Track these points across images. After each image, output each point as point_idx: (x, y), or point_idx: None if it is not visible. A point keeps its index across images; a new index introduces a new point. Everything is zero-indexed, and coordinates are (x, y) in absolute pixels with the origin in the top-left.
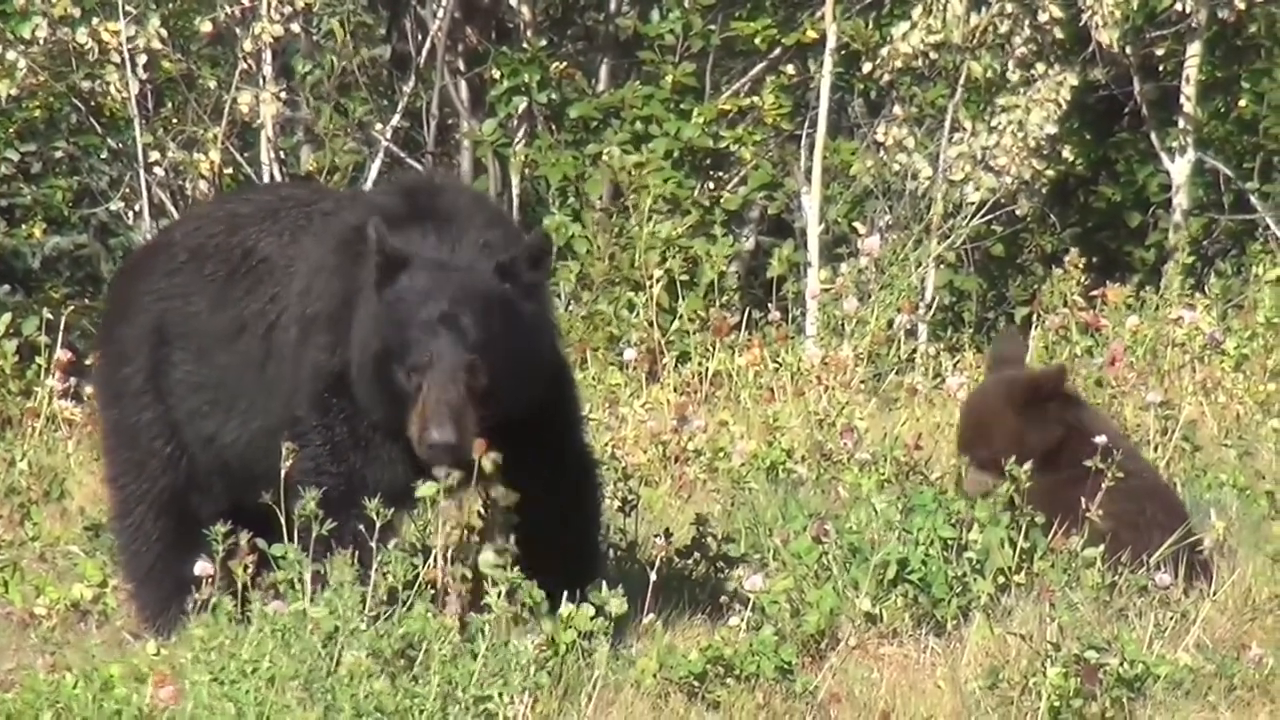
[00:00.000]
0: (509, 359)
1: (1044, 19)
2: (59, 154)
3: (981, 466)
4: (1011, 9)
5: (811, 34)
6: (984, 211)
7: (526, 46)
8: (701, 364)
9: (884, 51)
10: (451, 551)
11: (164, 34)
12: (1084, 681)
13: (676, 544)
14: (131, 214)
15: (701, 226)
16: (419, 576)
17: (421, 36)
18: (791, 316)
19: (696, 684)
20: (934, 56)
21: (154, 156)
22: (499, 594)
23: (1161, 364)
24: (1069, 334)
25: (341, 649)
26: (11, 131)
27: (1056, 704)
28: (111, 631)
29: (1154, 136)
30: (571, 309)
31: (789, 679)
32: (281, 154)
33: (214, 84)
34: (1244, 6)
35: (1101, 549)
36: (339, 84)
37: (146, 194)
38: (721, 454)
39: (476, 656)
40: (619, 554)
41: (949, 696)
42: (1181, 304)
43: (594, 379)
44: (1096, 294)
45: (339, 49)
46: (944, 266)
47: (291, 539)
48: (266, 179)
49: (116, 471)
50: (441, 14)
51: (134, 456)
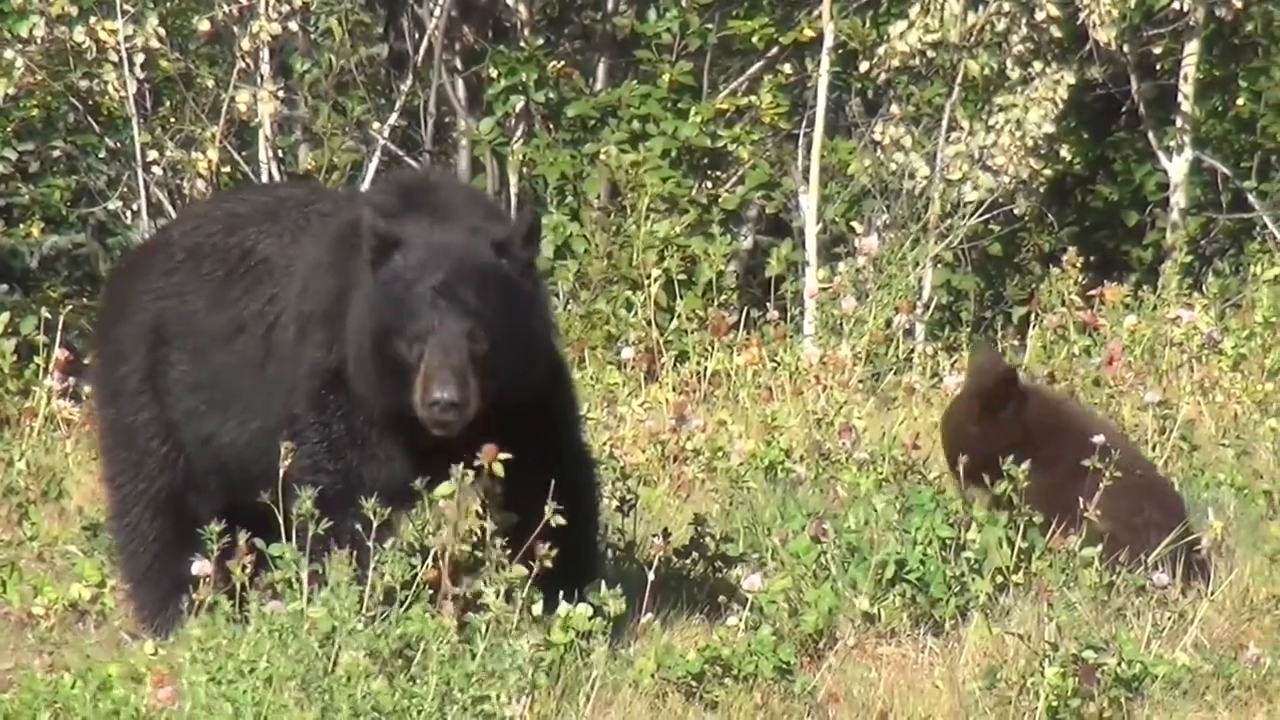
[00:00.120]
0: (507, 331)
1: (1041, 17)
2: (56, 153)
3: (965, 479)
4: (1009, 7)
5: (809, 33)
6: (981, 211)
7: (524, 45)
8: (700, 363)
9: (881, 50)
10: (449, 552)
11: (162, 33)
12: (1082, 681)
13: (675, 543)
14: (129, 213)
15: (699, 226)
16: (417, 576)
17: (419, 35)
18: (790, 316)
19: (694, 684)
20: (931, 55)
21: (152, 155)
22: (497, 594)
23: (1159, 363)
24: (1067, 333)
25: (339, 649)
26: (9, 131)
27: (1054, 704)
28: (109, 631)
29: (1151, 135)
30: (569, 308)
31: (787, 679)
32: (279, 153)
33: (212, 83)
34: (1241, 5)
35: (1099, 549)
36: (337, 83)
37: (144, 193)
38: (720, 453)
39: (474, 657)
40: (617, 554)
41: (947, 696)
42: (1179, 303)
43: (592, 378)
44: (1094, 293)
45: (337, 48)
46: (942, 266)
47: (289, 539)
48: (264, 178)
49: (114, 471)
50: (439, 13)
51: (131, 456)
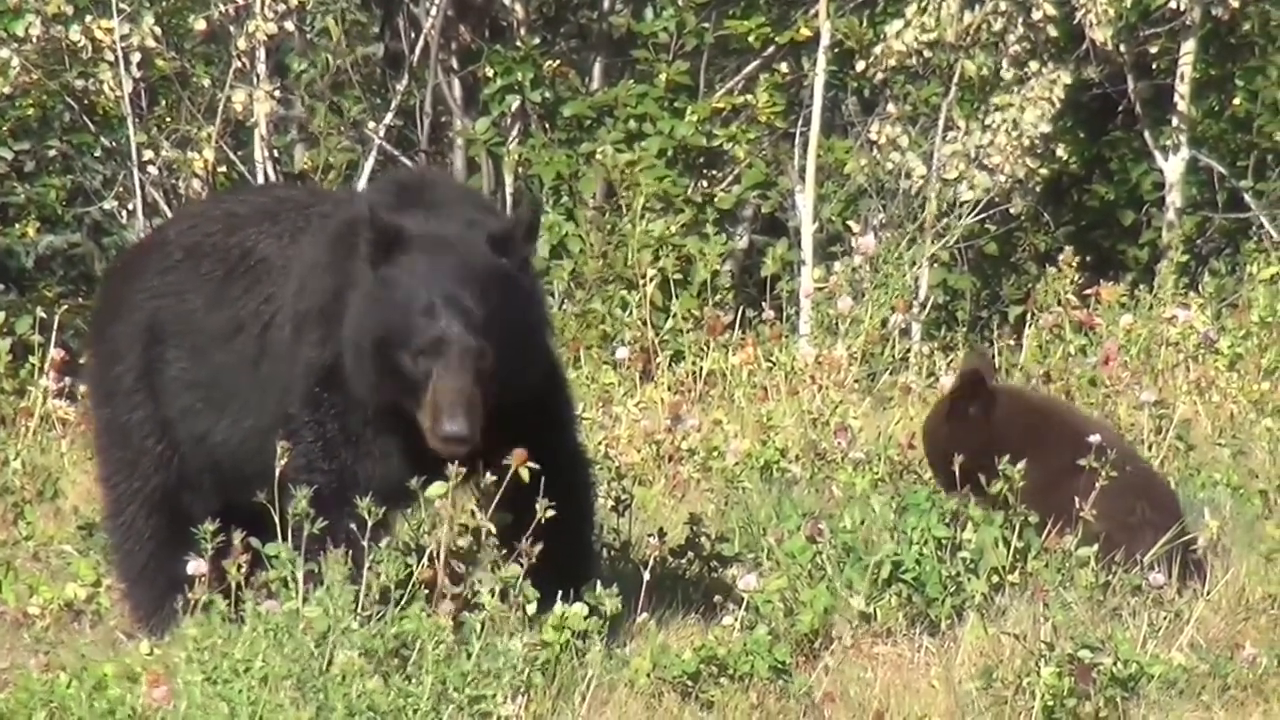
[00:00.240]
0: (509, 334)
1: (1037, 17)
2: (52, 152)
3: (939, 480)
4: (1005, 7)
5: (805, 32)
6: (978, 210)
7: (520, 45)
8: (695, 363)
9: (878, 50)
10: (445, 550)
11: (158, 32)
12: (1078, 681)
13: (670, 543)
14: (125, 213)
15: (695, 225)
16: (412, 575)
17: (415, 35)
18: (785, 315)
19: (690, 684)
20: (928, 55)
21: (148, 155)
22: (492, 593)
23: (1155, 363)
24: (1063, 333)
25: (334, 648)
26: (5, 130)
27: (1050, 703)
28: (105, 631)
29: (1148, 135)
30: (565, 307)
31: (783, 679)
32: (275, 152)
33: (208, 82)
34: (1238, 4)
35: (1095, 549)
36: (333, 82)
37: (140, 193)
38: (715, 453)
39: (470, 656)
40: (613, 553)
41: (943, 696)
42: (1175, 303)
43: (587, 378)
44: (1090, 293)
45: (334, 47)
46: (938, 265)
47: (284, 537)
48: (260, 178)
49: (109, 470)
50: (435, 12)
51: (126, 455)
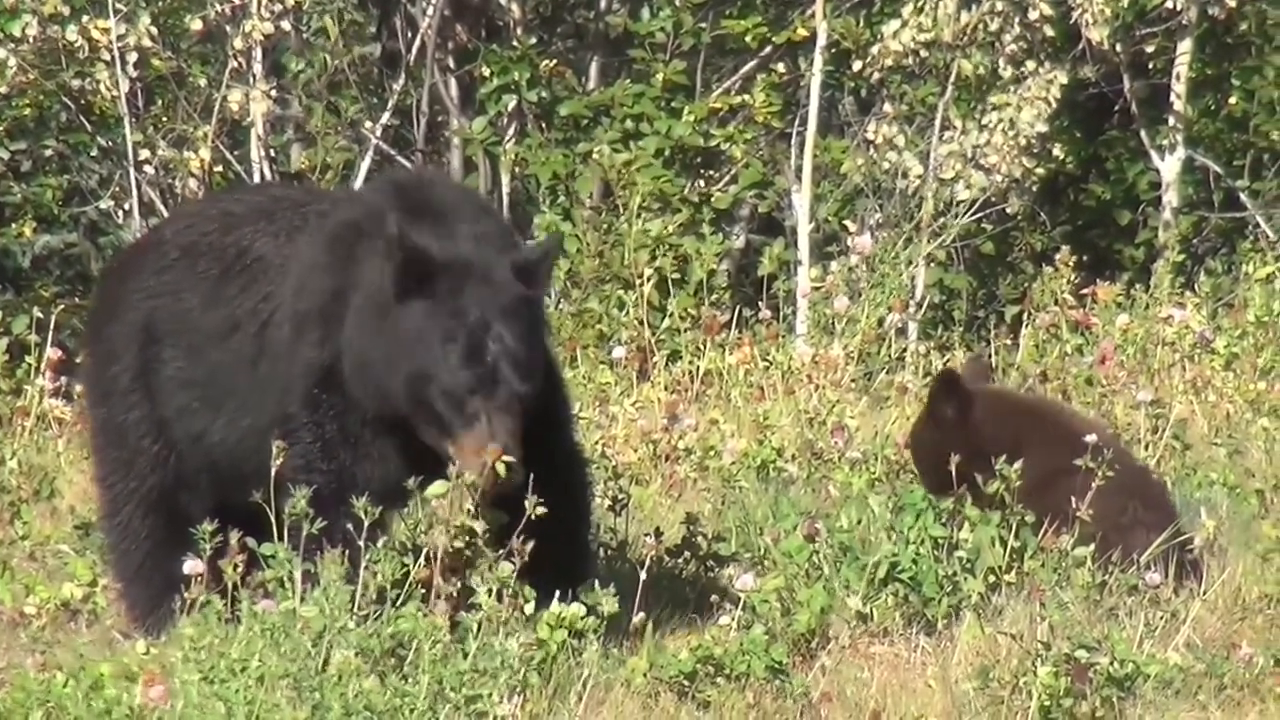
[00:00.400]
0: (539, 365)
1: (1034, 17)
2: (49, 152)
3: (935, 491)
4: (1002, 7)
5: (802, 32)
6: (974, 210)
7: (516, 44)
8: (692, 362)
9: (874, 49)
10: (441, 551)
11: (154, 32)
12: (1074, 681)
13: (667, 543)
14: (121, 212)
15: (692, 225)
16: (409, 575)
17: (411, 34)
18: (782, 315)
19: (687, 683)
20: (924, 54)
21: (144, 155)
22: (489, 593)
23: (1152, 362)
24: (1059, 332)
25: (331, 648)
26: (1, 130)
27: (1047, 703)
28: (101, 630)
29: (1144, 134)
30: (561, 307)
31: (780, 678)
32: (271, 152)
33: (204, 82)
34: (1234, 4)
35: (1091, 548)
36: (329, 82)
37: (136, 192)
38: (712, 452)
39: (466, 656)
40: (609, 553)
41: (940, 696)
42: (1172, 302)
43: (584, 377)
44: (1087, 292)
45: (331, 47)
46: (934, 265)
47: (281, 537)
48: (257, 177)
49: (105, 470)
50: (431, 12)
51: (122, 455)
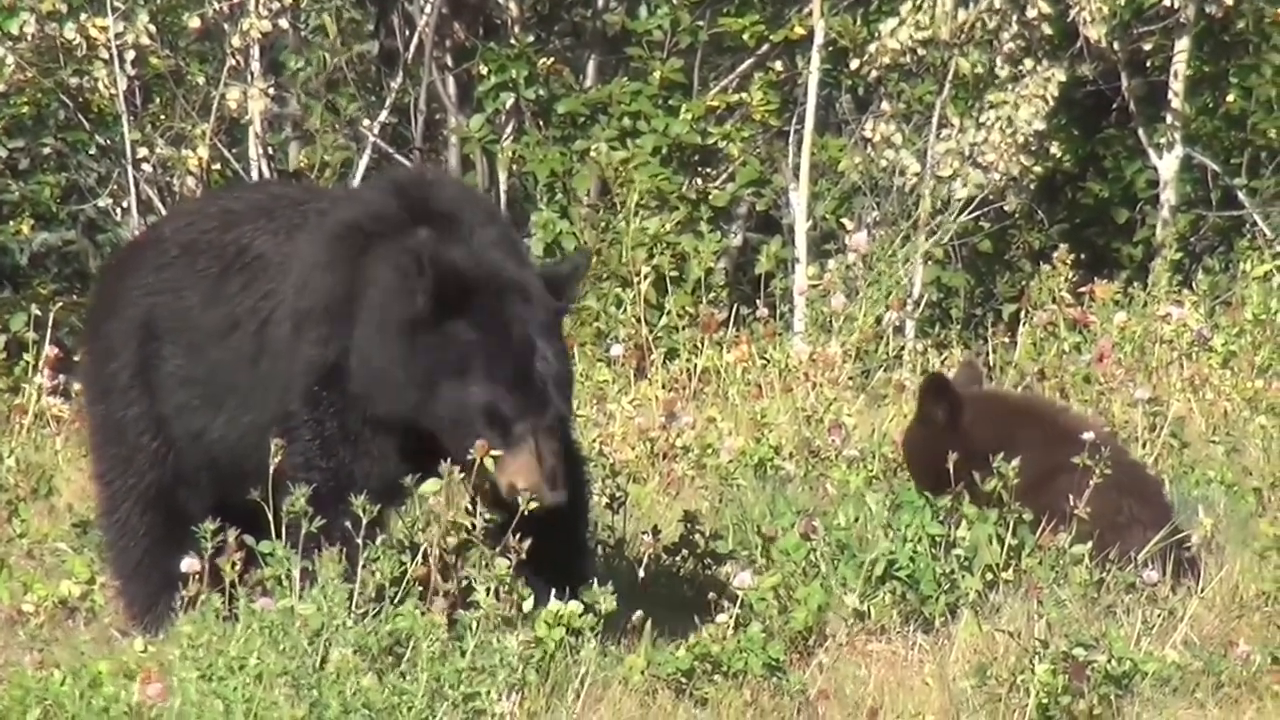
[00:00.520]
0: (574, 381)
1: (1032, 15)
2: (47, 150)
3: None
4: (999, 5)
5: (799, 30)
6: (972, 208)
7: (514, 42)
8: (689, 360)
9: (872, 48)
10: (439, 548)
11: (152, 30)
12: (1072, 678)
13: (664, 541)
14: (119, 210)
15: (689, 223)
16: (406, 573)
17: (409, 32)
18: (779, 313)
19: (684, 681)
20: (922, 53)
21: (142, 153)
22: (487, 591)
23: (1149, 360)
24: (1057, 330)
25: (329, 645)
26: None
27: (1044, 701)
28: (99, 628)
29: (1142, 132)
30: None
31: (777, 676)
32: (270, 150)
33: (202, 80)
34: (1232, 2)
35: (1089, 546)
36: (327, 80)
37: (134, 190)
38: (709, 450)
39: (464, 654)
40: (607, 551)
41: (937, 693)
42: (1169, 300)
43: (582, 375)
44: (1084, 290)
45: (329, 45)
46: (932, 263)
47: (279, 535)
48: (255, 175)
49: (104, 467)
50: (429, 10)
51: (121, 452)
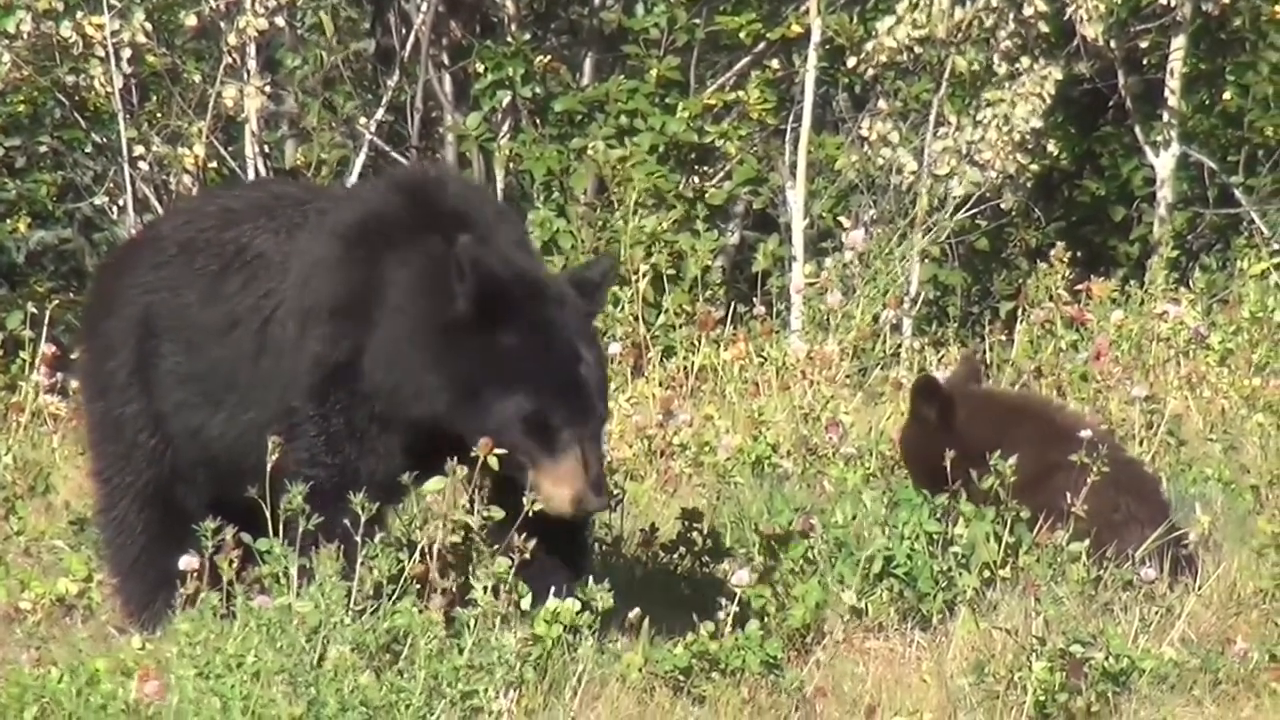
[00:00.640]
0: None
1: (1028, 13)
2: (43, 148)
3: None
4: (996, 3)
5: (796, 28)
6: (968, 206)
7: (510, 40)
8: (687, 358)
9: (868, 46)
10: (438, 546)
11: (148, 28)
12: (1069, 676)
13: (662, 538)
14: (116, 209)
15: (686, 221)
16: (404, 571)
17: (405, 30)
18: (776, 311)
19: (682, 678)
20: (918, 51)
21: (138, 151)
22: (485, 589)
23: (1146, 358)
24: (1054, 328)
25: (327, 643)
26: None
27: (1042, 698)
28: (97, 626)
29: (1138, 130)
30: None
31: (774, 673)
32: (266, 148)
33: (198, 78)
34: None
35: (1086, 544)
36: (324, 78)
37: (131, 188)
38: (707, 448)
39: (462, 651)
40: (605, 548)
41: (935, 691)
42: (1166, 298)
43: None
44: (1081, 288)
45: (326, 43)
46: (928, 261)
47: (278, 533)
48: (251, 174)
49: (101, 465)
50: (425, 8)
51: (119, 449)
